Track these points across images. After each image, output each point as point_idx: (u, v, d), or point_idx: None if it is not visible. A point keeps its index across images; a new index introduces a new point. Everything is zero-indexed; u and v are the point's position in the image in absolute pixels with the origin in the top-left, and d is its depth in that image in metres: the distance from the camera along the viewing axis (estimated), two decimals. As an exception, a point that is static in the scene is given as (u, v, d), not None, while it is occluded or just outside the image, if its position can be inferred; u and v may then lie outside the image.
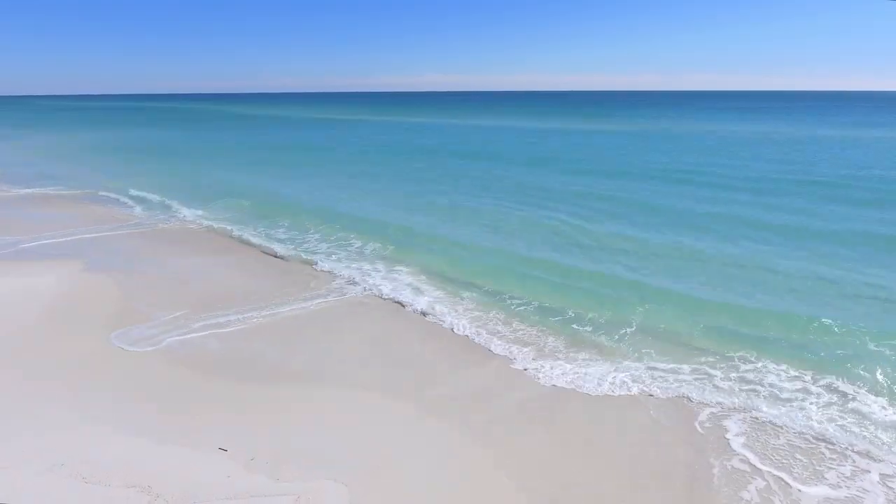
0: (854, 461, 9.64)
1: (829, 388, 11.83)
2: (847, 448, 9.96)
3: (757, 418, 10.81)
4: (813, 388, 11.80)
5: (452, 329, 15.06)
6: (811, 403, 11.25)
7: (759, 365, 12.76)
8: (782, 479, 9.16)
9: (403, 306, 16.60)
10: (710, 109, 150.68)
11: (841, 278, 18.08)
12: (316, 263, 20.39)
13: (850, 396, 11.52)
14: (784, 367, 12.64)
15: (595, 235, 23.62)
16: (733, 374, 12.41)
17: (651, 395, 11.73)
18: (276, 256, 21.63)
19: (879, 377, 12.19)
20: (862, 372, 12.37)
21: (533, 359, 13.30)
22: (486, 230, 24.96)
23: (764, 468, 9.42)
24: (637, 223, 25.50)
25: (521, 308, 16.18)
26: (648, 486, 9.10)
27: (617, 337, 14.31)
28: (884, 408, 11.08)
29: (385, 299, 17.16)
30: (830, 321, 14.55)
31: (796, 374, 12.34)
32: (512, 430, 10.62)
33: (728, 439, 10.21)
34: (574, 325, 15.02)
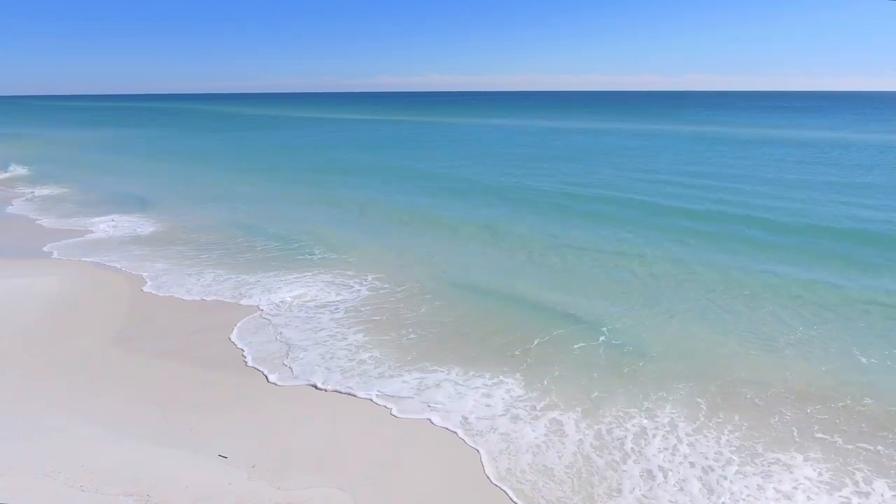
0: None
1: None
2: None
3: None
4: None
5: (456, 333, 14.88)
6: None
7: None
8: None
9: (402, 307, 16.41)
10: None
11: None
12: (313, 262, 20.27)
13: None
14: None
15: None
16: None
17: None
18: (274, 257, 21.44)
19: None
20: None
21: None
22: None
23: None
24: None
25: (525, 313, 16.01)
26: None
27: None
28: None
29: (387, 300, 16.98)
30: None
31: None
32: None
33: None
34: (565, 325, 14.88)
